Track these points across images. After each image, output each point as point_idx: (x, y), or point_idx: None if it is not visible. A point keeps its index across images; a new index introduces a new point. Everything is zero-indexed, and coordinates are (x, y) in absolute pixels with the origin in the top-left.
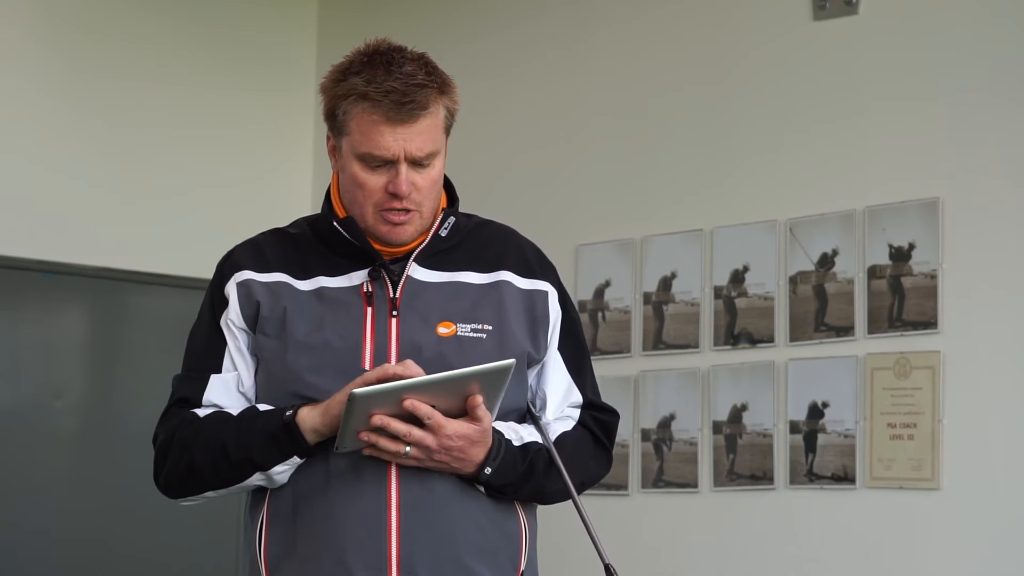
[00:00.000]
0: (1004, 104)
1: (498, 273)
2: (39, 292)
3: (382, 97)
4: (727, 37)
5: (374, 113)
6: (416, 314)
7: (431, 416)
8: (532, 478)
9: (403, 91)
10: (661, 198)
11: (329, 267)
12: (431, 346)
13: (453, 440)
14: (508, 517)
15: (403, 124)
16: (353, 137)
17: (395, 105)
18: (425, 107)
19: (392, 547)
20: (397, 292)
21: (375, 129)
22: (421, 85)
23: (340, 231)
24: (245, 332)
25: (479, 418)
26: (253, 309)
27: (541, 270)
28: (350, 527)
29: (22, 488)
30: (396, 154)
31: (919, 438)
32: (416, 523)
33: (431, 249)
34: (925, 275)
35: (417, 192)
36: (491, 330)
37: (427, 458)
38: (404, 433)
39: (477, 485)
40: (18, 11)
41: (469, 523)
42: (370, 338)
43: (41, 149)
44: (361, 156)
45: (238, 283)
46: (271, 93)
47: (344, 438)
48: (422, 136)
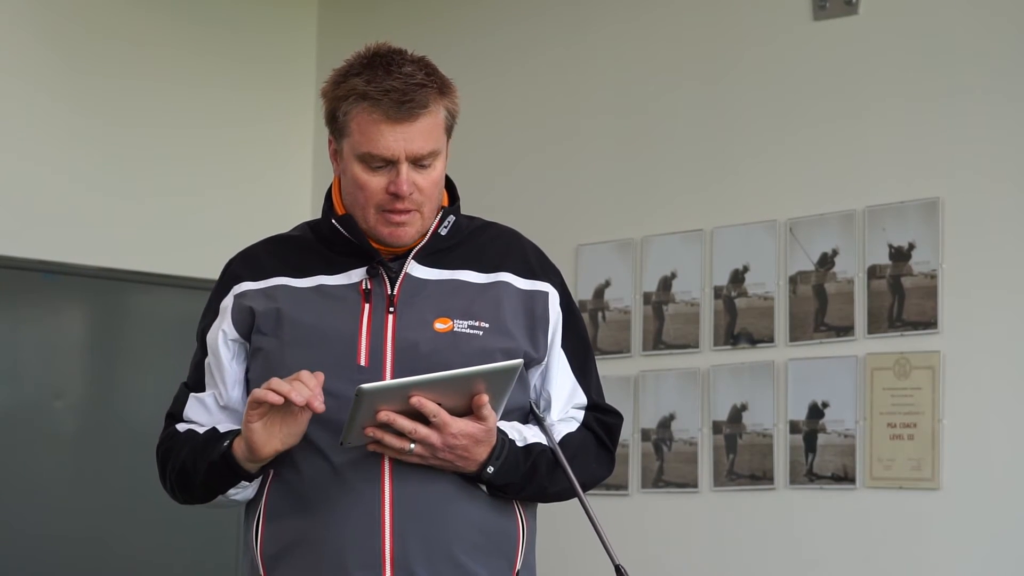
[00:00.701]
0: (1004, 104)
1: (498, 274)
2: (39, 292)
3: (382, 96)
4: (727, 37)
5: (374, 112)
6: (413, 310)
7: (437, 414)
8: (535, 478)
9: (403, 90)
10: (661, 198)
11: (328, 266)
12: (427, 342)
13: (458, 438)
14: (505, 516)
15: (403, 123)
16: (353, 138)
17: (395, 104)
18: (425, 106)
19: (386, 545)
20: (395, 289)
21: (375, 129)
22: (421, 85)
23: (339, 229)
24: (237, 342)
25: (484, 417)
26: (247, 316)
27: (543, 271)
28: (345, 526)
29: (22, 488)
30: (396, 154)
31: (919, 438)
32: (410, 521)
33: (430, 247)
34: (925, 275)
35: (419, 192)
36: (488, 327)
37: (431, 455)
38: (409, 430)
39: (479, 484)
40: (18, 11)
41: (464, 521)
42: (366, 334)
43: (41, 149)
44: (362, 156)
45: (236, 295)
46: (271, 93)
47: (350, 433)
48: (422, 135)
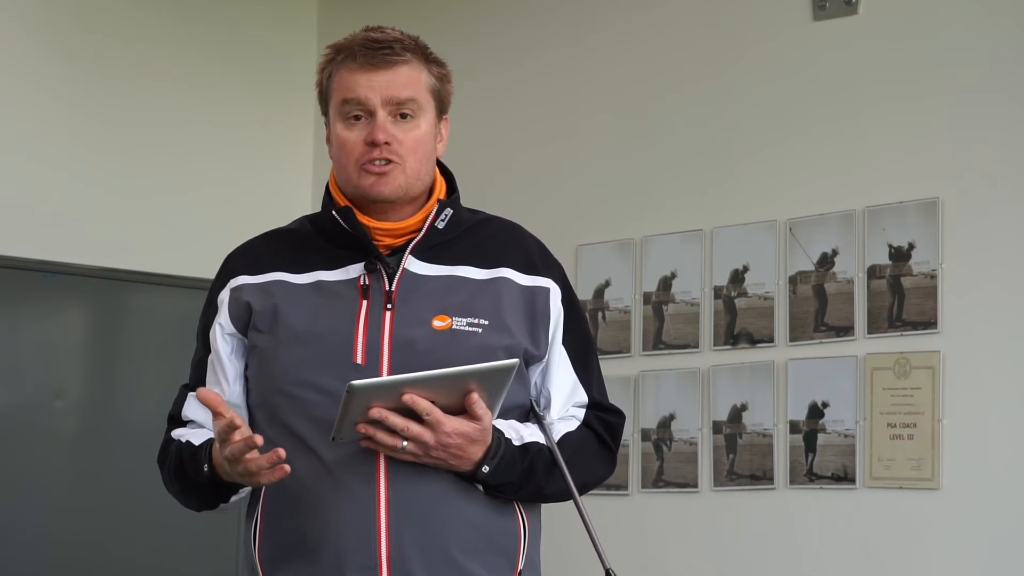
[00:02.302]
0: (1004, 104)
1: (499, 270)
2: (39, 292)
3: (358, 47)
4: (727, 37)
5: (352, 63)
6: (411, 307)
7: (430, 412)
8: (531, 478)
9: (380, 40)
10: (661, 198)
11: (327, 261)
12: (424, 339)
13: (451, 437)
14: (505, 516)
15: (378, 69)
16: (334, 95)
17: (370, 52)
18: (400, 55)
19: (382, 546)
20: (393, 285)
21: (351, 78)
22: (398, 40)
23: (338, 220)
24: (235, 337)
25: (478, 416)
26: (244, 312)
27: (544, 267)
28: (342, 526)
29: (22, 488)
30: (371, 98)
31: (919, 438)
32: (406, 521)
33: (428, 242)
34: (925, 275)
35: (399, 144)
36: (487, 324)
37: (424, 454)
38: (402, 427)
39: (475, 484)
40: (18, 11)
41: (461, 521)
42: (362, 332)
43: (41, 149)
44: (340, 109)
45: (231, 288)
46: (271, 93)
47: (341, 428)
48: (399, 82)
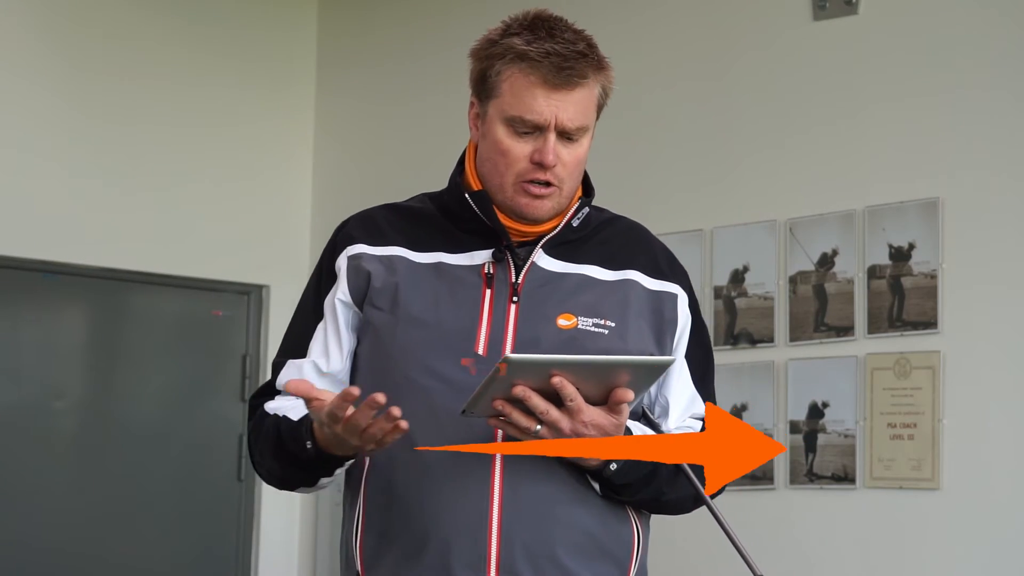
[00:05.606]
0: (1004, 104)
1: (626, 272)
2: (39, 292)
3: (542, 58)
4: (727, 37)
5: (531, 74)
6: (537, 303)
7: (574, 398)
8: (653, 482)
9: (564, 55)
10: (660, 197)
11: (450, 243)
12: (549, 337)
13: (587, 428)
14: (620, 521)
15: (559, 90)
16: (504, 99)
17: (554, 68)
18: (584, 77)
19: (492, 546)
20: (520, 277)
21: (529, 92)
22: (582, 54)
23: (471, 204)
24: (350, 309)
25: (619, 411)
26: (363, 282)
27: (671, 272)
28: (452, 523)
29: (21, 488)
30: (547, 120)
31: (919, 438)
32: (518, 523)
33: (560, 238)
34: (925, 275)
35: (562, 167)
36: (613, 326)
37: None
38: (543, 410)
39: (594, 482)
40: (18, 11)
41: (575, 525)
42: (486, 322)
43: (41, 149)
44: (510, 119)
45: (349, 256)
46: (271, 92)
47: (477, 402)
48: (576, 107)
